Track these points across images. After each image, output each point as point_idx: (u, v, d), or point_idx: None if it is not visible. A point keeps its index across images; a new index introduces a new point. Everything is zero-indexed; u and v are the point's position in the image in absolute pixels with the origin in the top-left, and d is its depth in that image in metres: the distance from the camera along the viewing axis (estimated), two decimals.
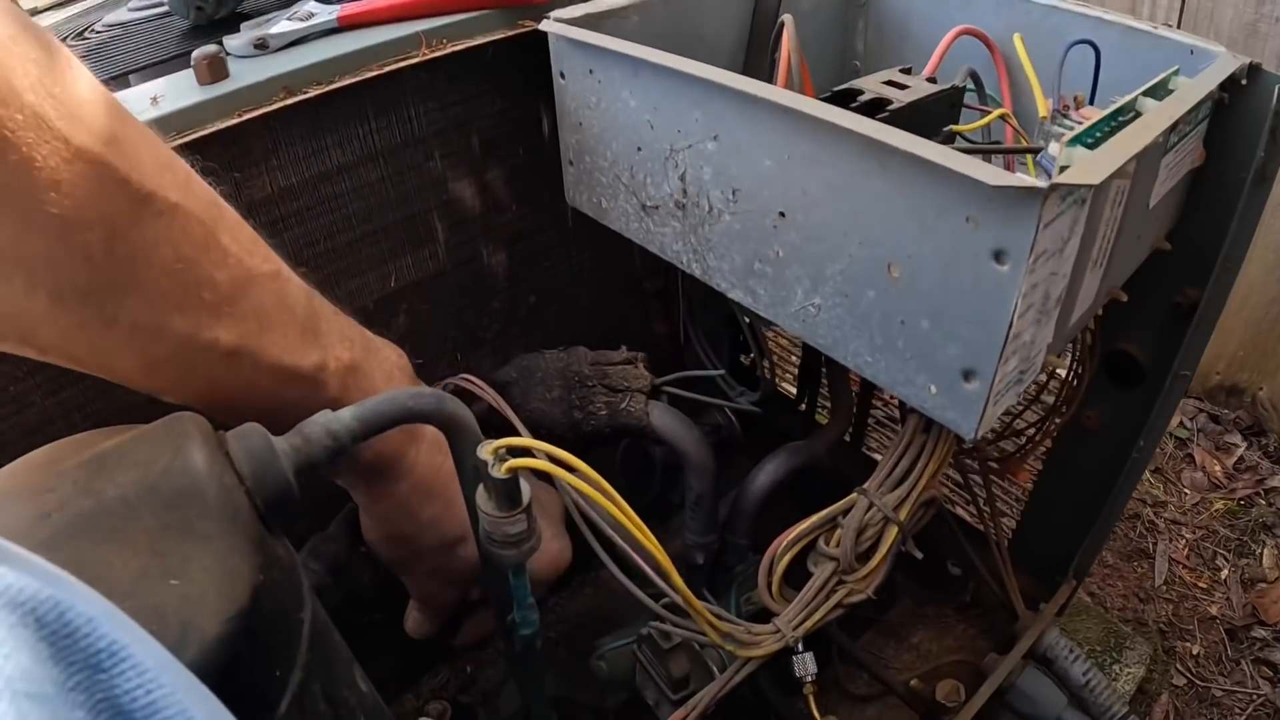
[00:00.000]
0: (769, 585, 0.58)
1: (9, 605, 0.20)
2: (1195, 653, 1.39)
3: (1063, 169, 0.42)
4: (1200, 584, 1.48)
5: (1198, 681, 1.36)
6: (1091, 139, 0.45)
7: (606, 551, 0.54)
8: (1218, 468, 1.65)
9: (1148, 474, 1.63)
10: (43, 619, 0.22)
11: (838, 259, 0.48)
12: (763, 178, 0.51)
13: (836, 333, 0.51)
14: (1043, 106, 0.58)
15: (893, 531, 0.56)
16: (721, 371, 0.70)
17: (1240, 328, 1.68)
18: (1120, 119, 0.50)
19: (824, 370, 0.93)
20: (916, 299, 0.46)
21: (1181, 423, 1.73)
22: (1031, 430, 0.87)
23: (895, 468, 0.56)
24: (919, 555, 0.60)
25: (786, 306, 0.53)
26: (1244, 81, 0.60)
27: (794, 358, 1.33)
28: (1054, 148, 0.44)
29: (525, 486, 0.46)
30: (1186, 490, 1.61)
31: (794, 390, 1.04)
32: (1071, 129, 0.47)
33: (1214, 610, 1.45)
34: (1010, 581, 0.99)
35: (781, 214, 0.50)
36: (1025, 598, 1.01)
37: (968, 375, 0.45)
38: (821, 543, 0.57)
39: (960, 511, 1.10)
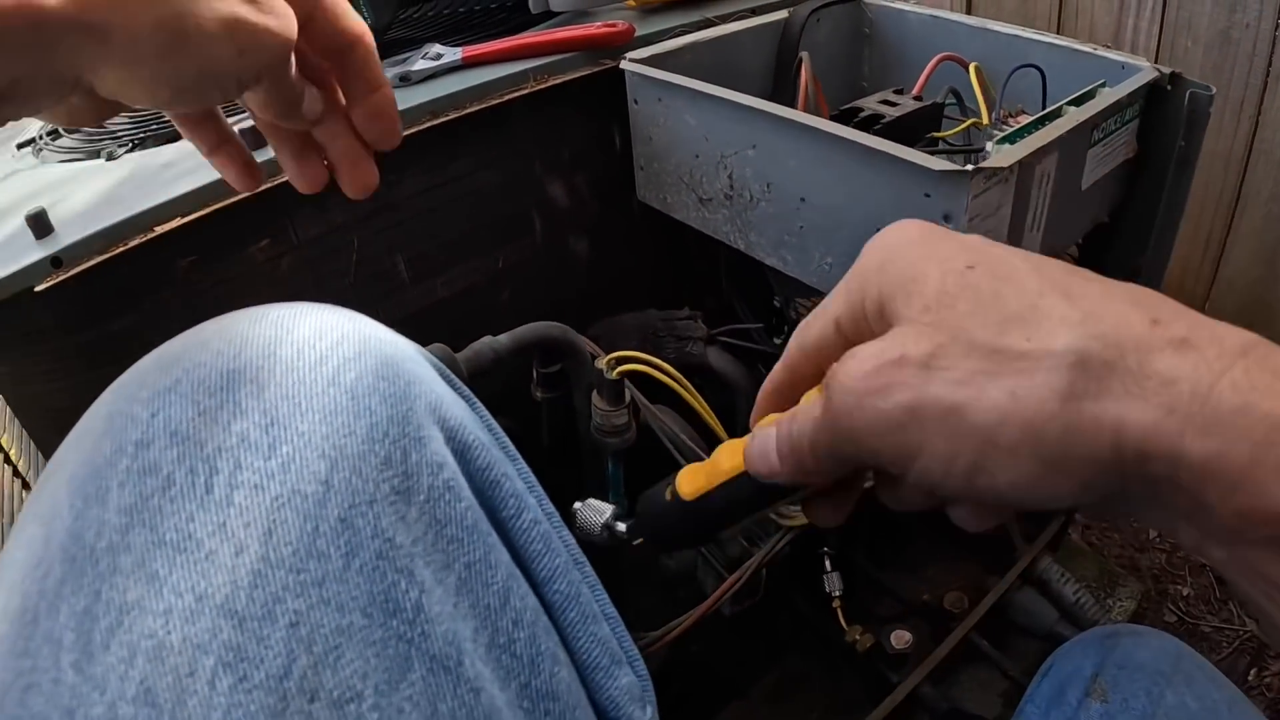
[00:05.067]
0: None
1: (431, 364, 0.40)
2: (1185, 594, 1.55)
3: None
4: None
5: (1187, 619, 1.51)
6: (1017, 139, 0.65)
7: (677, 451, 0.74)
8: None
9: None
10: (442, 373, 0.42)
11: (842, 227, 0.68)
12: (788, 174, 0.71)
13: None
14: (986, 117, 0.77)
15: None
16: (760, 325, 0.90)
17: (1231, 308, 1.84)
18: (1046, 123, 0.69)
19: None
20: None
21: None
22: None
23: None
24: None
25: (808, 266, 0.73)
26: (1169, 87, 0.79)
27: None
28: (990, 146, 0.63)
29: (627, 393, 0.66)
30: None
31: None
32: (1006, 132, 0.66)
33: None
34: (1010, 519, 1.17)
35: (803, 199, 0.70)
36: (1025, 536, 1.18)
37: None
38: None
39: None
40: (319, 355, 0.35)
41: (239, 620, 0.30)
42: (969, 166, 0.57)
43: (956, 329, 0.32)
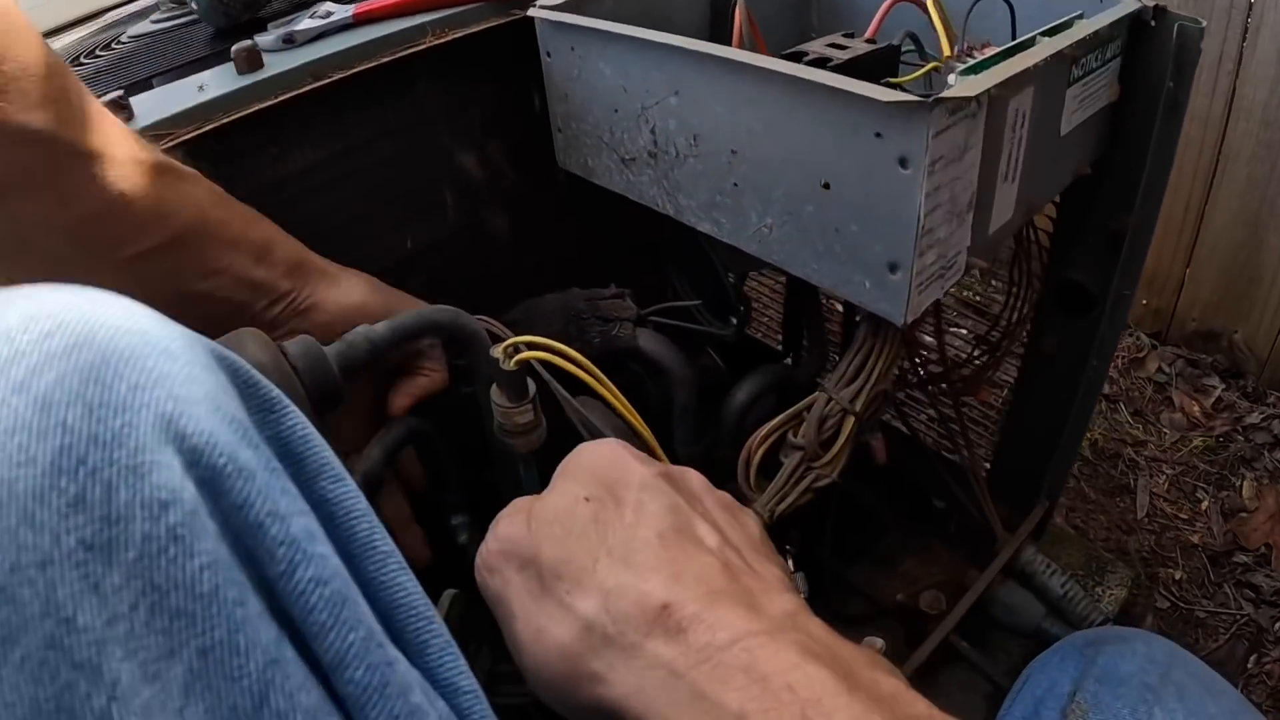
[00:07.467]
0: (746, 476, 0.68)
1: (219, 359, 0.30)
2: (1178, 578, 1.47)
3: None
4: (1181, 515, 1.56)
5: (1181, 604, 1.44)
6: (983, 70, 0.55)
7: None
8: (1196, 408, 1.73)
9: (1128, 416, 1.71)
10: (236, 371, 0.31)
11: (781, 183, 0.58)
12: (716, 123, 0.61)
13: (787, 247, 0.60)
14: (947, 49, 0.68)
15: (850, 421, 0.65)
16: (698, 302, 0.80)
17: (1212, 275, 1.76)
18: (1016, 53, 0.60)
19: (805, 321, 1.02)
20: (845, 208, 0.55)
21: (1160, 368, 1.80)
22: (984, 356, 0.96)
23: (850, 367, 0.66)
24: (876, 440, 0.69)
25: (745, 230, 0.63)
26: (1152, 22, 0.69)
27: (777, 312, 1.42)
28: (951, 78, 0.53)
29: (531, 383, 0.56)
30: (1166, 430, 1.69)
31: (779, 347, 1.14)
32: (970, 63, 0.56)
33: (1195, 539, 1.52)
34: (988, 506, 1.07)
35: (733, 151, 0.60)
36: (1005, 524, 1.09)
37: (892, 268, 0.55)
38: (790, 435, 0.67)
39: (946, 455, 1.19)
40: (14, 351, 0.25)
41: None
42: (930, 97, 0.47)
43: (543, 549, 0.41)
